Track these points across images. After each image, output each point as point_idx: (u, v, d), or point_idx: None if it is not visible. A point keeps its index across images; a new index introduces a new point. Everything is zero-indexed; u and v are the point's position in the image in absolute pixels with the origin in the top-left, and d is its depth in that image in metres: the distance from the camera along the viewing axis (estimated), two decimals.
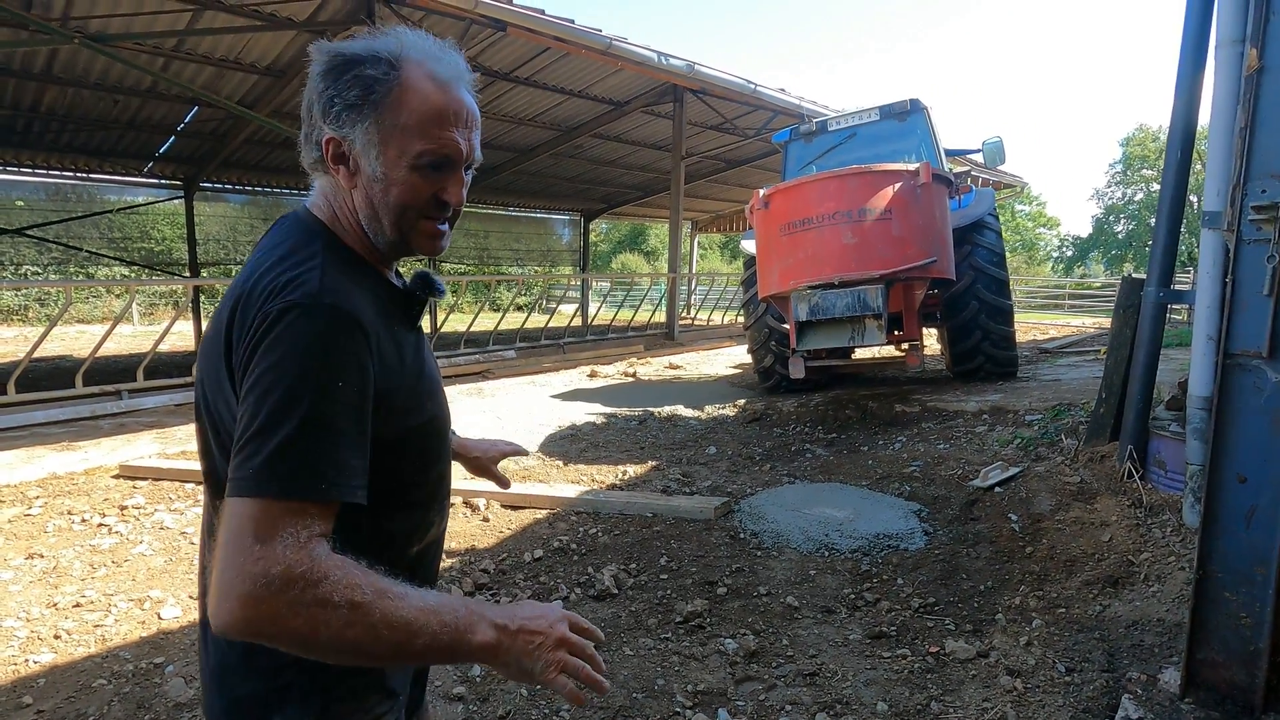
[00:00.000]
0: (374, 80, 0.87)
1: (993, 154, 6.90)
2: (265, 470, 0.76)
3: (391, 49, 0.88)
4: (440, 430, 1.01)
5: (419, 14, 7.83)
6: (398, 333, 0.94)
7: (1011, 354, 6.55)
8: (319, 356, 0.80)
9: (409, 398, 0.93)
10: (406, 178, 0.89)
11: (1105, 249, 40.11)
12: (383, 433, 0.87)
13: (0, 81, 8.94)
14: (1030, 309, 23.05)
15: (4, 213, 12.74)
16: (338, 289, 0.84)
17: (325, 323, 0.81)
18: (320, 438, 0.78)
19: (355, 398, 0.82)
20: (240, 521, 0.75)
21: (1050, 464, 4.07)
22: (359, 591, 0.75)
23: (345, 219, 0.94)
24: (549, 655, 0.85)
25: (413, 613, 0.77)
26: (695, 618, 2.85)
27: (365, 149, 0.89)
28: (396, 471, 0.93)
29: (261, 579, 0.72)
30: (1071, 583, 2.98)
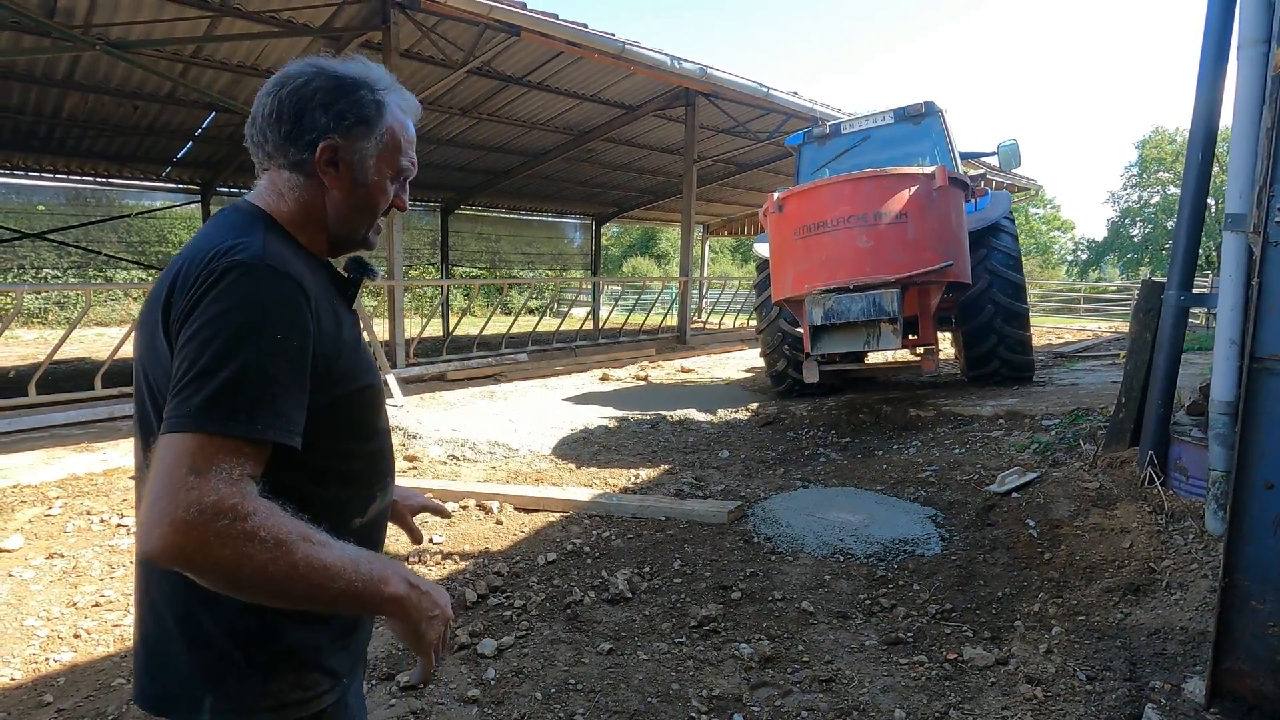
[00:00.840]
0: (374, 104, 1.02)
1: (1008, 157, 6.85)
2: (205, 408, 0.80)
3: (378, 81, 1.04)
4: (375, 402, 1.06)
5: (433, 19, 7.89)
6: (338, 308, 1.01)
7: (1027, 358, 6.49)
8: (261, 309, 0.85)
9: (347, 363, 0.98)
10: (386, 187, 1.06)
11: (1121, 252, 39.68)
12: (321, 394, 0.92)
13: (23, 88, 9.10)
14: (1045, 313, 22.85)
15: (25, 217, 12.94)
16: (280, 255, 0.91)
17: (268, 280, 0.87)
18: (260, 383, 0.83)
19: (294, 353, 0.87)
20: (176, 455, 0.79)
21: (1068, 469, 4.02)
22: (284, 531, 0.79)
23: (301, 212, 1.02)
24: (439, 628, 0.96)
25: (333, 558, 0.83)
26: (709, 622, 2.84)
27: (363, 160, 1.02)
28: (334, 438, 0.97)
29: (195, 506, 0.75)
30: (1092, 590, 2.94)
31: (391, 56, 7.88)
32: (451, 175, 15.01)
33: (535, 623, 2.87)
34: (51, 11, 7.17)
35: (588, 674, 2.50)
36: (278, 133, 1.00)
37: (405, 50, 8.73)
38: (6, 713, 2.33)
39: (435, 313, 13.99)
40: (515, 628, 2.83)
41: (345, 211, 1.04)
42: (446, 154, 13.57)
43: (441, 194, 16.59)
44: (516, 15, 7.46)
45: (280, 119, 0.99)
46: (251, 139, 1.04)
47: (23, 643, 2.78)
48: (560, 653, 2.64)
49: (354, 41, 8.66)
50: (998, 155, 6.95)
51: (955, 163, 6.51)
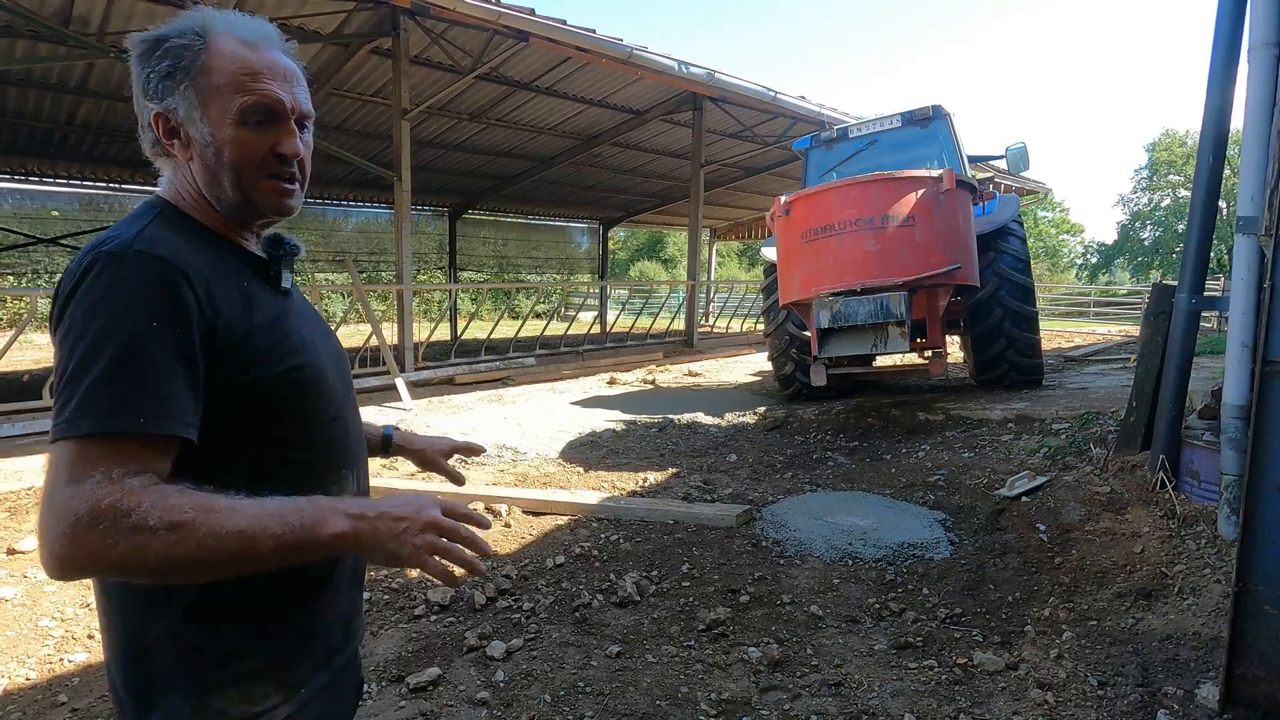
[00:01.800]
0: (182, 48, 0.90)
1: (1016, 160, 6.83)
2: (78, 412, 0.77)
3: (197, 22, 0.92)
4: (311, 387, 0.96)
5: (442, 25, 7.94)
6: (249, 288, 0.93)
7: (1037, 362, 6.46)
8: (128, 297, 0.80)
9: (261, 345, 0.90)
10: (234, 135, 0.91)
11: (1131, 256, 39.44)
12: (232, 379, 0.87)
13: (39, 94, 9.21)
14: (1054, 316, 22.72)
15: (39, 222, 13.09)
16: (155, 239, 0.85)
17: (136, 266, 0.82)
18: (135, 374, 0.79)
19: (172, 337, 0.81)
20: (56, 467, 0.77)
21: (1079, 473, 4.00)
22: (178, 512, 0.76)
23: (188, 193, 0.95)
24: (416, 539, 0.85)
25: (246, 520, 0.78)
26: (718, 626, 2.84)
27: (189, 115, 0.91)
28: (261, 426, 0.91)
29: (71, 517, 0.74)
30: (1103, 595, 2.92)
31: (401, 62, 7.94)
32: (460, 180, 15.09)
33: (544, 625, 2.87)
34: (67, 20, 7.27)
35: (596, 677, 2.51)
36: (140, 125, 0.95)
37: (415, 56, 8.80)
38: (22, 712, 2.35)
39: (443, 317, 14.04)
40: (524, 630, 2.83)
41: (206, 175, 0.93)
42: (455, 159, 13.64)
43: (450, 198, 16.68)
44: (525, 21, 7.51)
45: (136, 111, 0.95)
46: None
47: (38, 643, 2.81)
48: (569, 655, 2.65)
49: (363, 48, 8.74)
50: (1006, 158, 6.93)
51: (963, 166, 6.50)
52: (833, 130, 7.26)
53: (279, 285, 1.00)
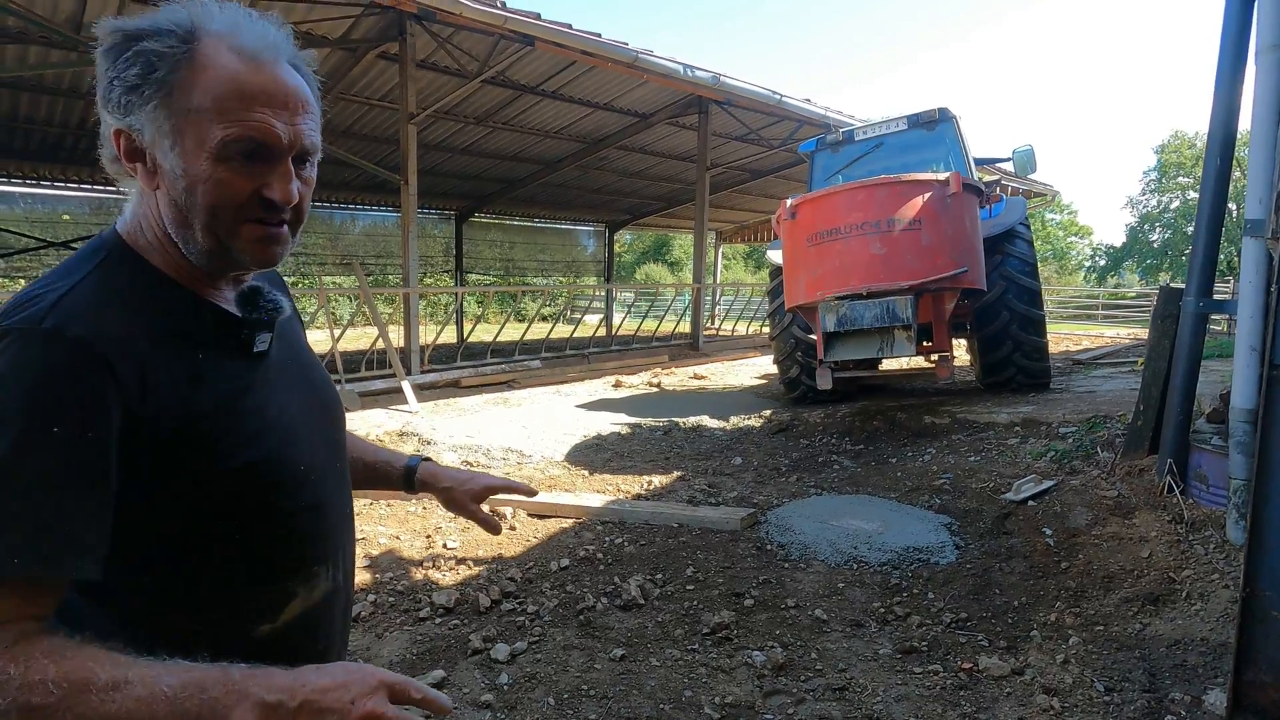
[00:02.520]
0: (158, 55, 0.71)
1: (1023, 162, 6.81)
2: None
3: (182, 20, 0.73)
4: (281, 474, 0.79)
5: (448, 30, 7.98)
6: (202, 360, 0.76)
7: (1044, 365, 6.43)
8: (23, 397, 0.63)
9: (210, 438, 0.73)
10: (211, 171, 0.72)
11: (1140, 258, 39.20)
12: (164, 479, 0.71)
13: (51, 100, 9.32)
14: (1062, 319, 22.60)
15: (50, 226, 13.21)
16: (78, 311, 0.68)
17: (41, 352, 0.65)
18: (16, 499, 0.62)
19: (75, 445, 0.65)
20: None
21: (1086, 477, 3.98)
22: (39, 691, 0.60)
23: (150, 228, 0.77)
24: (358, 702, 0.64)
25: (127, 707, 0.61)
26: (722, 629, 2.83)
27: (157, 139, 0.72)
28: (208, 531, 0.74)
29: None
30: (1110, 600, 2.90)
31: (408, 67, 7.99)
32: (466, 184, 15.15)
33: (548, 628, 2.88)
34: (79, 26, 7.35)
35: (600, 680, 2.51)
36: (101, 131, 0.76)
37: (421, 61, 8.84)
38: None
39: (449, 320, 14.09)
40: (528, 633, 2.84)
41: (173, 213, 0.75)
42: (461, 163, 13.70)
43: (456, 202, 16.74)
44: (531, 26, 7.54)
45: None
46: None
47: None
48: (573, 658, 2.65)
49: (370, 53, 8.79)
50: (1013, 161, 6.91)
51: (970, 169, 6.48)
52: (838, 133, 7.26)
53: (250, 350, 0.81)
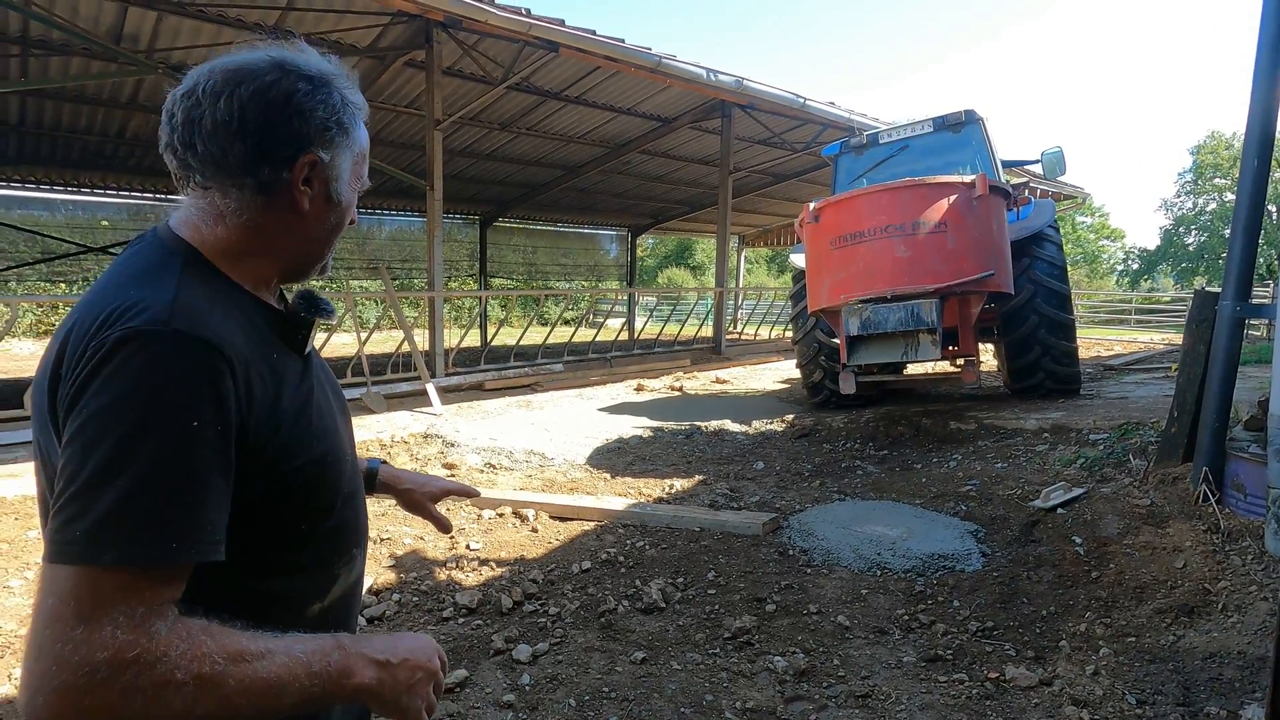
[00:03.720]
0: (354, 108, 0.86)
1: (1052, 164, 6.70)
2: (95, 533, 0.64)
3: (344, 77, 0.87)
4: (331, 473, 0.87)
5: (474, 37, 8.09)
6: (278, 361, 0.82)
7: (1074, 370, 6.31)
8: (164, 394, 0.67)
9: (287, 437, 0.80)
10: (353, 202, 0.91)
11: (1175, 262, 38.24)
12: (254, 478, 0.76)
13: (91, 110, 9.61)
14: (1094, 324, 22.14)
15: (90, 232, 13.61)
16: (193, 312, 0.72)
17: (174, 352, 0.69)
18: (165, 491, 0.67)
19: (213, 440, 0.70)
20: (59, 596, 0.63)
21: (1117, 485, 3.89)
22: (207, 662, 0.66)
23: (246, 240, 0.83)
24: (423, 690, 0.82)
25: (276, 671, 0.69)
26: (744, 634, 2.82)
27: (340, 174, 0.86)
28: (276, 527, 0.81)
29: (84, 668, 0.61)
30: (1142, 610, 2.84)
31: (434, 74, 8.10)
32: (490, 189, 15.30)
33: (570, 630, 2.89)
34: (118, 38, 7.58)
35: (621, 682, 2.51)
36: (242, 145, 0.79)
37: (447, 68, 8.97)
38: None
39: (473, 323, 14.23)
40: (550, 634, 2.85)
41: (318, 234, 0.87)
42: (486, 168, 13.84)
43: (480, 207, 16.91)
44: (555, 32, 7.61)
45: (245, 129, 0.79)
46: (188, 149, 0.80)
47: None
48: (594, 660, 2.66)
49: (397, 60, 8.93)
50: (1041, 163, 6.80)
51: (997, 171, 6.40)
52: (862, 136, 7.20)
53: (303, 350, 0.89)
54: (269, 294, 0.89)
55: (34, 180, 12.47)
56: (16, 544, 3.83)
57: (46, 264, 13.11)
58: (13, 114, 9.48)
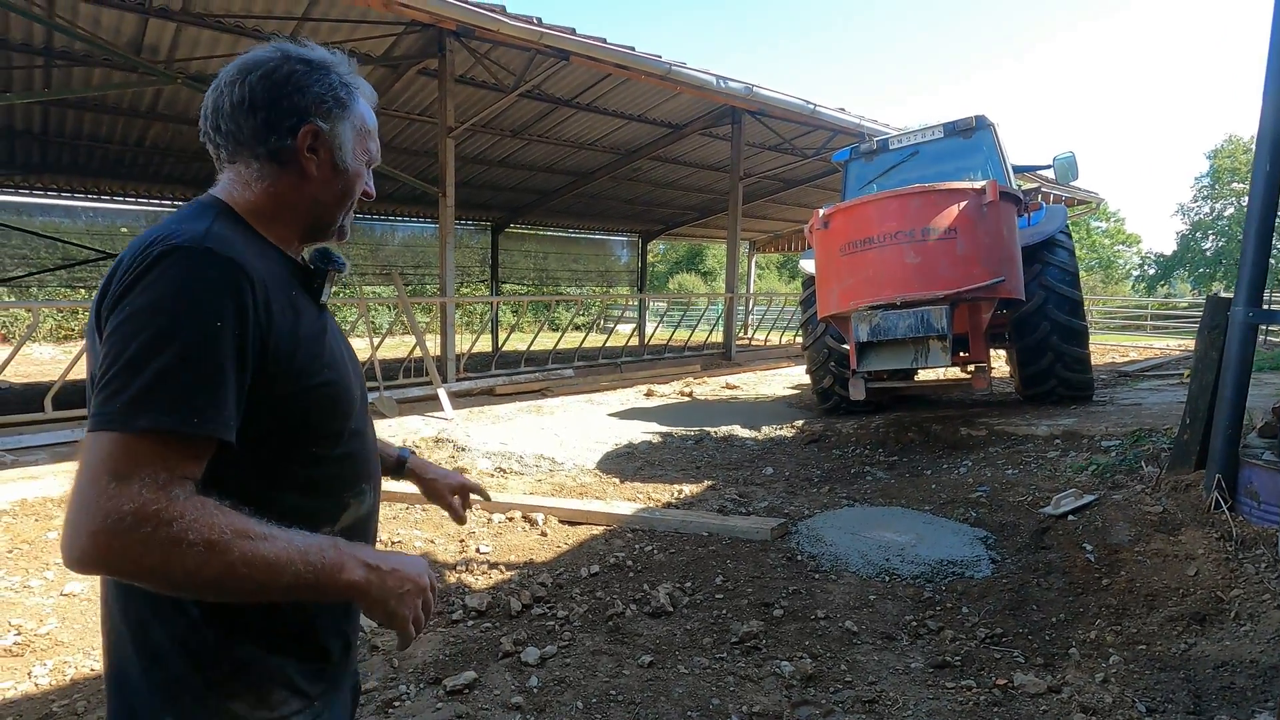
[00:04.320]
0: (343, 85, 1.00)
1: (1064, 170, 6.67)
2: (131, 404, 0.75)
3: (345, 65, 1.02)
4: (338, 401, 0.98)
5: (486, 46, 8.17)
6: (296, 298, 0.95)
7: (1086, 377, 6.26)
8: (197, 294, 0.80)
9: (304, 358, 0.91)
10: (361, 172, 1.04)
11: (1192, 267, 37.79)
12: (271, 389, 0.87)
13: (112, 119, 9.79)
14: (1109, 330, 21.93)
15: (109, 238, 13.83)
16: (224, 239, 0.85)
17: (204, 263, 0.81)
18: (193, 373, 0.78)
19: (233, 340, 0.81)
20: (99, 457, 0.75)
21: (1129, 492, 3.87)
22: (216, 531, 0.76)
23: (270, 202, 0.97)
24: (413, 601, 0.92)
25: (276, 552, 0.79)
26: (751, 639, 2.83)
27: (342, 143, 0.99)
28: (290, 440, 0.91)
29: (113, 515, 0.72)
30: (1153, 618, 2.82)
31: (446, 82, 8.20)
32: (502, 195, 15.41)
33: (578, 633, 2.91)
34: (139, 49, 7.73)
35: (628, 685, 2.53)
36: (253, 119, 0.94)
37: (459, 76, 9.07)
38: (87, 700, 2.49)
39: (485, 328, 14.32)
40: (558, 637, 2.87)
41: (327, 198, 1.00)
42: (497, 175, 13.94)
43: (492, 213, 17.03)
44: (566, 40, 7.68)
45: (254, 105, 0.94)
46: (216, 131, 0.96)
47: (101, 636, 2.96)
48: (601, 664, 2.68)
49: (411, 69, 9.04)
50: (1054, 168, 6.77)
51: (1008, 177, 6.38)
52: (873, 142, 7.20)
53: (319, 299, 1.02)
54: (293, 252, 1.03)
55: (56, 188, 12.70)
56: (37, 544, 3.90)
57: (67, 270, 13.33)
58: (36, 123, 9.68)
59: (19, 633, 2.95)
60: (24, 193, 12.66)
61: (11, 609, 3.17)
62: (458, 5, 6.81)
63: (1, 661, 2.75)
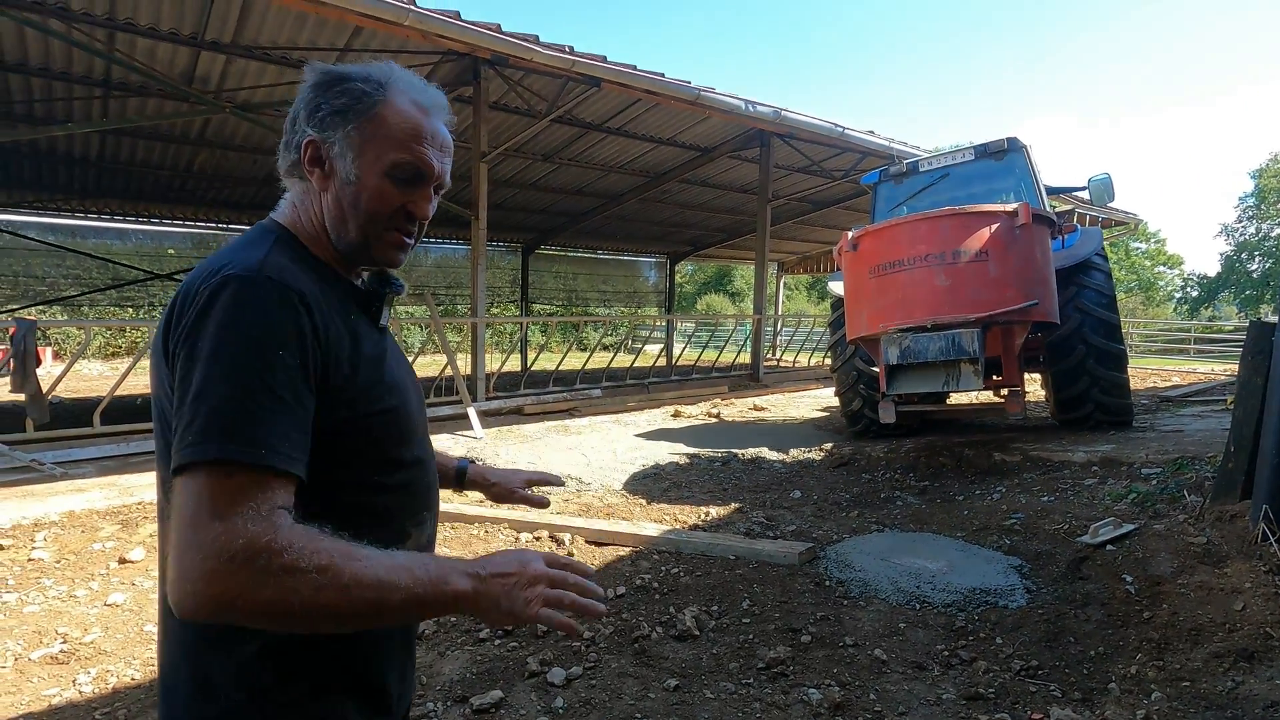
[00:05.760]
0: (362, 93, 0.95)
1: (1100, 191, 6.57)
2: (213, 439, 0.75)
3: (383, 74, 0.97)
4: (400, 428, 0.96)
5: (519, 73, 8.39)
6: (354, 321, 0.94)
7: (1125, 402, 6.11)
8: (259, 324, 0.80)
9: (363, 383, 0.90)
10: (378, 185, 0.94)
11: (1238, 289, 36.65)
12: (331, 416, 0.86)
13: (163, 146, 10.24)
14: (1149, 354, 21.33)
15: (157, 260, 14.38)
16: (279, 266, 0.86)
17: (265, 292, 0.82)
18: (266, 405, 0.77)
19: (297, 369, 0.81)
20: (193, 501, 0.74)
21: (1171, 522, 3.75)
22: (325, 555, 0.74)
23: (310, 221, 0.97)
24: (526, 592, 0.85)
25: (383, 570, 0.77)
26: (777, 665, 2.80)
27: (343, 152, 0.94)
28: (350, 467, 0.90)
29: (225, 553, 0.71)
30: (1197, 654, 2.72)
31: (481, 109, 8.42)
32: (533, 218, 15.68)
33: (603, 655, 2.91)
34: (190, 80, 8.10)
35: (654, 709, 2.52)
36: (283, 142, 0.98)
37: (493, 103, 9.30)
38: (128, 709, 2.56)
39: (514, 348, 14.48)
40: (584, 658, 2.88)
41: (335, 212, 0.96)
42: (528, 197, 14.20)
43: (523, 235, 17.33)
44: (598, 68, 7.85)
45: (285, 129, 0.98)
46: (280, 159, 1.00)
47: (142, 646, 3.05)
48: (627, 686, 2.67)
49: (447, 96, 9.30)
50: (1089, 190, 6.67)
51: (1041, 199, 6.31)
52: (902, 164, 7.19)
53: (379, 321, 1.01)
54: (349, 275, 1.01)
55: (109, 211, 13.29)
56: (83, 555, 4.04)
57: (117, 289, 13.87)
58: (94, 150, 10.17)
59: (65, 640, 3.06)
60: (79, 216, 13.28)
61: (59, 618, 3.28)
62: (493, 35, 7.02)
63: (49, 669, 2.85)
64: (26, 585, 3.63)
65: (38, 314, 12.00)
